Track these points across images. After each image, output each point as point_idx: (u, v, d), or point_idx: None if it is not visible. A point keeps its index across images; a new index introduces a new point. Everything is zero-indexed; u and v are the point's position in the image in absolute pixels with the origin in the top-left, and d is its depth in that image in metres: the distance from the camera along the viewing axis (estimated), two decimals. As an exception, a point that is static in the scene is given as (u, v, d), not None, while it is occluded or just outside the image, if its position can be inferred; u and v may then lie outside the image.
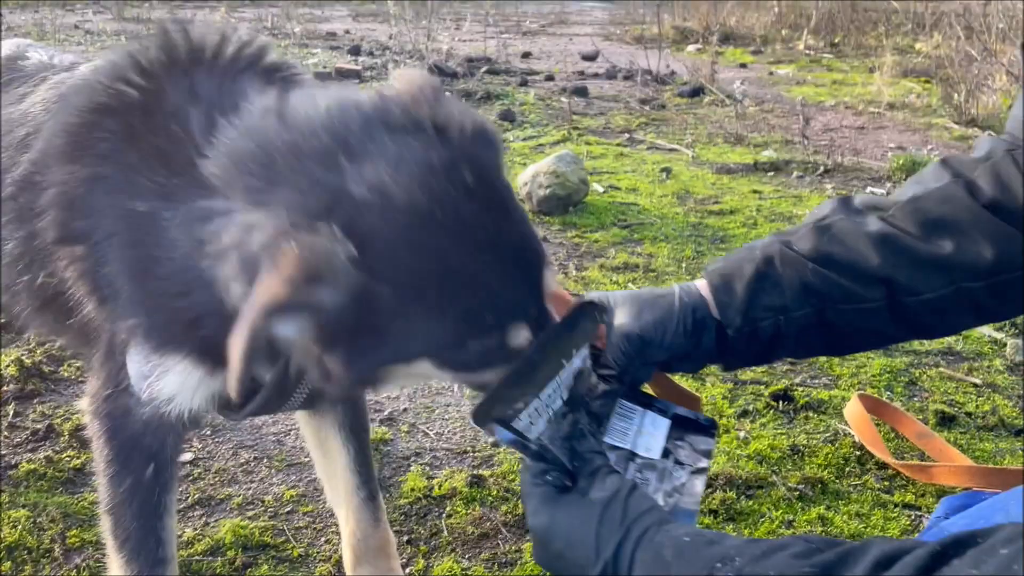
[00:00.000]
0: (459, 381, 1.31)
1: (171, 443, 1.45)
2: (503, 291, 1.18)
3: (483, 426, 1.26)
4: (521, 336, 1.21)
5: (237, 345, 1.06)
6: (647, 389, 1.63)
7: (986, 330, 3.05)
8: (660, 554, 1.09)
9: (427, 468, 2.31)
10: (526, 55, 10.09)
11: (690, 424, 1.55)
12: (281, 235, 1.08)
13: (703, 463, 1.50)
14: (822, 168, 5.27)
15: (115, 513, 1.45)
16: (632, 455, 1.47)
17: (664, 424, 1.52)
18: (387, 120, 1.20)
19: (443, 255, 1.14)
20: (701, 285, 1.59)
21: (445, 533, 2.06)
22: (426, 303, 1.14)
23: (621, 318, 1.52)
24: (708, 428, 1.55)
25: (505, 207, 1.21)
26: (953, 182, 1.54)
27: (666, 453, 1.49)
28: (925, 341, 2.99)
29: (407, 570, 1.95)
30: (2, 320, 2.33)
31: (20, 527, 2.00)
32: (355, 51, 9.84)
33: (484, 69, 8.53)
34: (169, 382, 1.34)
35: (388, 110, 1.21)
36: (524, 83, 8.10)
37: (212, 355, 1.31)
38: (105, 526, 1.47)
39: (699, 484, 1.46)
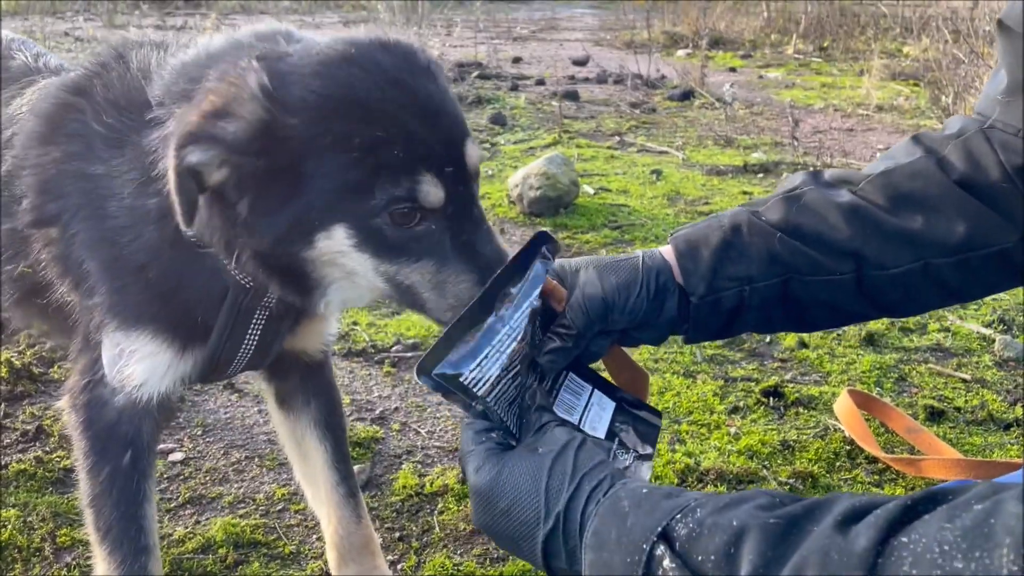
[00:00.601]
0: (384, 276, 1.26)
1: (147, 430, 1.46)
2: (416, 133, 1.18)
3: (427, 380, 1.19)
4: (435, 194, 1.19)
5: (169, 175, 1.16)
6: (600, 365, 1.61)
7: (975, 326, 3.07)
8: (617, 506, 1.04)
9: (419, 466, 2.31)
10: (517, 60, 10.11)
11: (635, 408, 1.53)
12: (209, 85, 1.19)
13: (648, 449, 1.47)
14: (811, 169, 5.29)
15: (95, 504, 1.46)
16: (578, 430, 1.44)
17: (610, 405, 1.49)
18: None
19: (354, 87, 1.18)
20: (666, 251, 1.55)
21: (437, 530, 2.06)
22: (332, 134, 1.16)
23: (584, 279, 1.48)
24: (653, 414, 1.52)
25: (429, 73, 1.26)
26: (924, 157, 1.54)
27: (611, 435, 1.46)
28: (914, 337, 3.00)
29: (399, 566, 1.95)
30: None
31: (10, 526, 2.00)
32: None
33: (475, 74, 8.55)
34: (139, 367, 1.36)
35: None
36: (515, 88, 8.11)
37: (179, 328, 1.37)
38: (88, 520, 1.47)
39: (645, 470, 1.42)
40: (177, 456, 2.33)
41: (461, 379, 1.20)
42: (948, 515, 0.76)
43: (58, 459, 2.26)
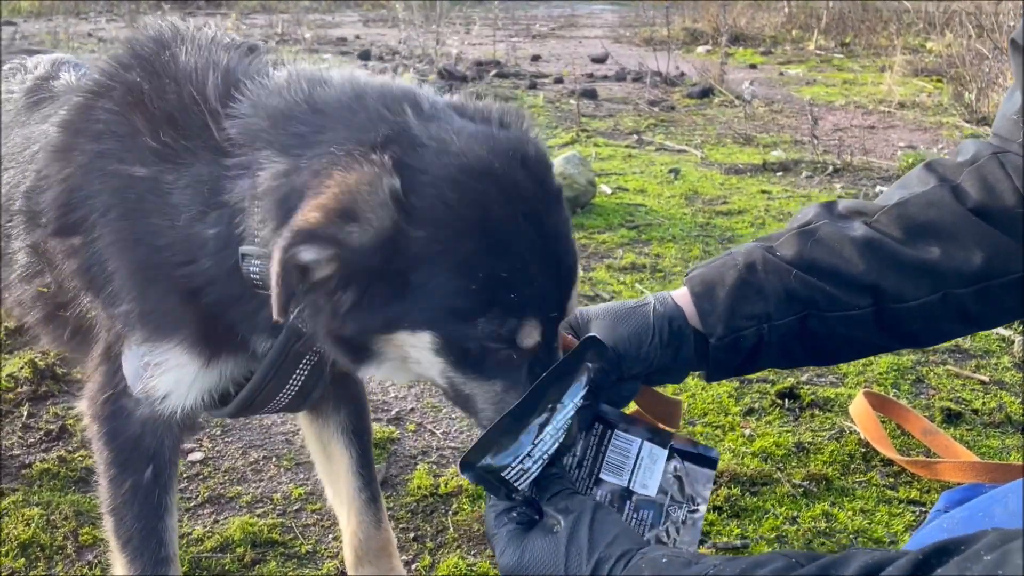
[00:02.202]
0: (450, 379, 1.23)
1: (169, 444, 1.46)
2: (535, 278, 1.13)
3: (469, 474, 1.22)
4: (533, 338, 1.16)
5: (273, 266, 1.08)
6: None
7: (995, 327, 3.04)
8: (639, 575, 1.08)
9: (433, 466, 2.33)
10: (535, 58, 10.11)
11: (689, 455, 1.51)
12: (332, 163, 1.09)
13: (701, 497, 1.45)
14: (831, 168, 5.26)
15: (117, 514, 1.47)
16: (628, 492, 1.43)
17: (661, 456, 1.47)
18: (459, 107, 1.25)
19: (489, 210, 1.11)
20: (679, 294, 1.55)
21: (451, 530, 2.08)
22: (456, 256, 1.10)
23: (595, 332, 1.48)
24: (707, 458, 1.49)
25: (557, 200, 1.21)
26: (939, 186, 1.52)
27: (662, 491, 1.45)
28: (932, 339, 2.98)
29: (413, 567, 1.97)
30: (13, 325, 2.37)
31: (34, 525, 2.04)
32: (365, 56, 9.89)
33: (493, 72, 8.57)
34: (163, 379, 1.34)
35: (463, 101, 1.26)
36: (533, 86, 8.12)
37: (209, 340, 1.32)
38: (108, 526, 1.49)
39: (698, 522, 1.42)
40: (196, 456, 2.36)
41: (503, 474, 1.23)
42: (960, 567, 0.78)
43: (81, 458, 2.30)
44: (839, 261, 1.50)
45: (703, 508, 1.43)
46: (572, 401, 1.29)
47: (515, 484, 1.24)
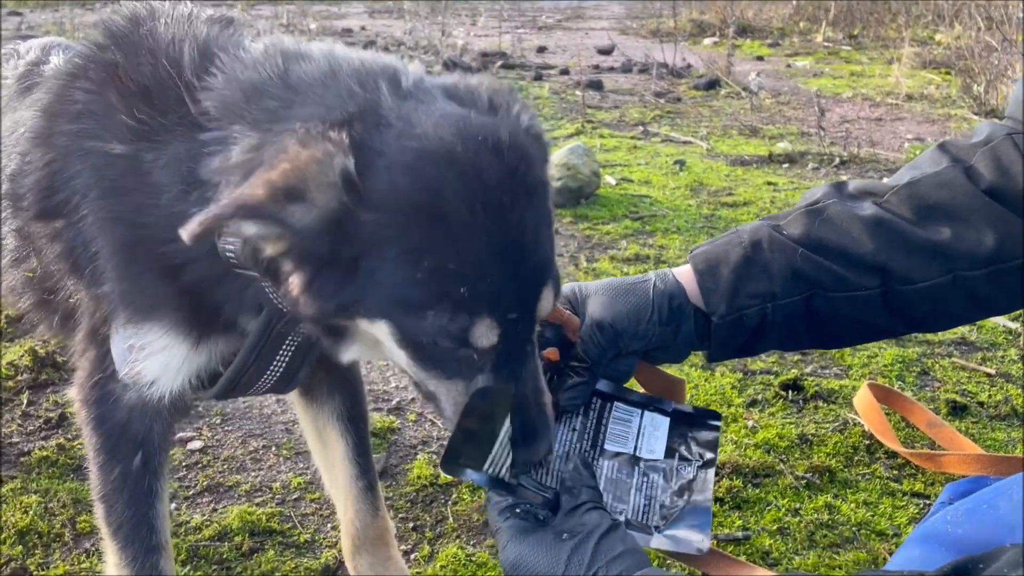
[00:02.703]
0: (413, 374, 1.21)
1: (159, 430, 1.44)
2: (491, 274, 1.08)
3: (454, 474, 1.20)
4: (488, 339, 1.10)
5: (202, 215, 1.03)
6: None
7: (1001, 320, 3.01)
8: None
9: (434, 456, 2.31)
10: (541, 50, 10.07)
11: (691, 418, 1.51)
12: (291, 138, 1.06)
13: (709, 455, 1.46)
14: (838, 159, 5.23)
15: (107, 501, 1.46)
16: (636, 459, 1.43)
17: (664, 422, 1.48)
18: (446, 85, 1.19)
19: (441, 197, 1.05)
20: (681, 272, 1.53)
21: (450, 520, 2.06)
22: (405, 243, 1.05)
23: (594, 308, 1.46)
24: (708, 419, 1.51)
25: (532, 194, 1.12)
26: (951, 167, 1.49)
27: (670, 452, 1.45)
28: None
29: (412, 556, 1.96)
30: (13, 313, 2.37)
31: (32, 512, 2.03)
32: (370, 47, 9.86)
33: (499, 64, 8.54)
34: (150, 363, 1.32)
35: (456, 80, 1.20)
36: (539, 77, 8.09)
37: (197, 318, 1.30)
38: (98, 513, 1.48)
39: (709, 477, 1.41)
40: (195, 444, 2.35)
41: (490, 477, 1.22)
42: None
43: (79, 447, 2.29)
44: (847, 241, 1.47)
45: (713, 464, 1.43)
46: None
47: (505, 478, 1.22)
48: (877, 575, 0.89)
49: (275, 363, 1.36)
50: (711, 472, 1.43)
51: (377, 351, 1.23)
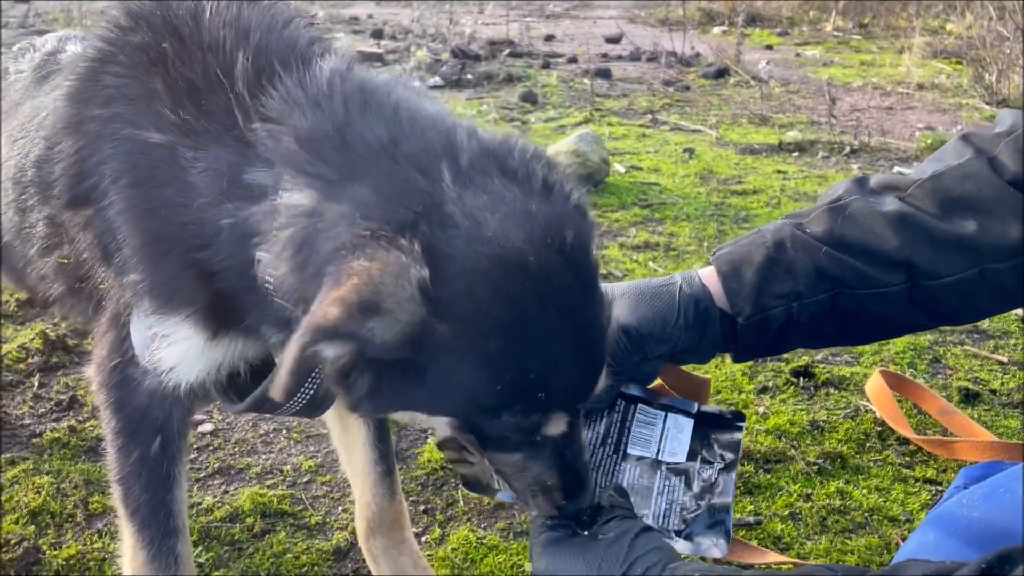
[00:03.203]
0: (467, 443, 1.21)
1: (178, 415, 1.43)
2: (566, 372, 1.08)
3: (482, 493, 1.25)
4: (559, 428, 1.13)
5: (288, 358, 0.99)
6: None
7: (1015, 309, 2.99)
8: None
9: (444, 440, 2.31)
10: (549, 38, 10.02)
11: (714, 419, 1.51)
12: (355, 244, 0.99)
13: (731, 456, 1.45)
14: (848, 148, 5.20)
15: (125, 483, 1.45)
16: (658, 462, 1.43)
17: (687, 424, 1.47)
18: (502, 157, 1.11)
19: (521, 309, 1.02)
20: (706, 273, 1.52)
21: (461, 503, 2.07)
22: (483, 355, 1.03)
23: (619, 311, 1.46)
24: (734, 421, 1.50)
25: (592, 286, 1.13)
26: (975, 158, 1.47)
27: (692, 455, 1.45)
28: (950, 319, 2.94)
29: (423, 539, 1.96)
30: (24, 297, 2.37)
31: (44, 493, 2.04)
32: (378, 35, 9.84)
33: (507, 52, 8.51)
34: (170, 351, 1.30)
35: (508, 147, 1.13)
36: (547, 65, 8.05)
37: (217, 316, 1.27)
38: (116, 495, 1.48)
39: (731, 479, 1.41)
40: (207, 427, 2.36)
41: None
42: None
43: (91, 428, 2.30)
44: (871, 237, 1.46)
45: (735, 466, 1.42)
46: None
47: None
48: (917, 563, 0.87)
49: (301, 394, 1.32)
50: (732, 475, 1.43)
51: (414, 419, 1.23)
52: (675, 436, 1.45)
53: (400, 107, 1.14)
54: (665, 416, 1.48)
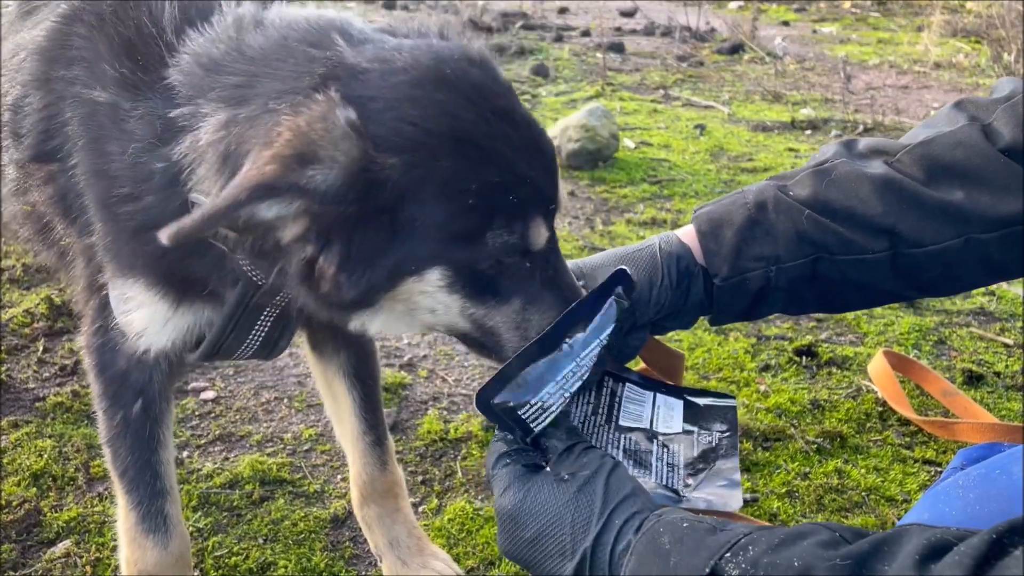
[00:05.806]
0: (472, 318, 1.15)
1: (158, 379, 1.43)
2: (525, 173, 1.06)
3: (484, 411, 1.14)
4: (542, 234, 1.10)
5: (202, 208, 0.97)
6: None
7: (1021, 290, 2.97)
8: (656, 543, 0.96)
9: (444, 412, 2.32)
10: (562, 11, 9.92)
11: (706, 401, 1.49)
12: (274, 117, 1.01)
13: (728, 427, 1.43)
14: (862, 127, 5.14)
15: (112, 445, 1.47)
16: (653, 433, 1.41)
17: (677, 404, 1.46)
18: (386, 27, 1.19)
19: (455, 118, 1.03)
20: (684, 232, 1.49)
21: (459, 475, 2.07)
22: (441, 175, 1.02)
23: (603, 279, 1.45)
24: (725, 400, 1.47)
25: (514, 92, 1.15)
26: (968, 125, 1.43)
27: (687, 428, 1.43)
28: (957, 300, 2.92)
29: (420, 509, 1.97)
30: (27, 261, 2.37)
31: (46, 456, 2.06)
32: (390, 5, 9.76)
33: (519, 24, 8.43)
34: (138, 315, 1.31)
35: (388, 24, 1.19)
36: (559, 39, 7.98)
37: (176, 284, 1.28)
38: (106, 456, 1.50)
39: (734, 442, 1.39)
40: (208, 395, 2.37)
41: (520, 412, 1.15)
42: None
43: (94, 393, 2.32)
44: (855, 202, 1.42)
45: (736, 432, 1.39)
46: (598, 338, 1.22)
47: (532, 425, 1.17)
48: (923, 528, 0.84)
49: (254, 333, 1.35)
50: (735, 438, 1.40)
51: (409, 318, 1.17)
52: (666, 413, 1.43)
53: (292, 16, 1.20)
54: (654, 395, 1.46)
